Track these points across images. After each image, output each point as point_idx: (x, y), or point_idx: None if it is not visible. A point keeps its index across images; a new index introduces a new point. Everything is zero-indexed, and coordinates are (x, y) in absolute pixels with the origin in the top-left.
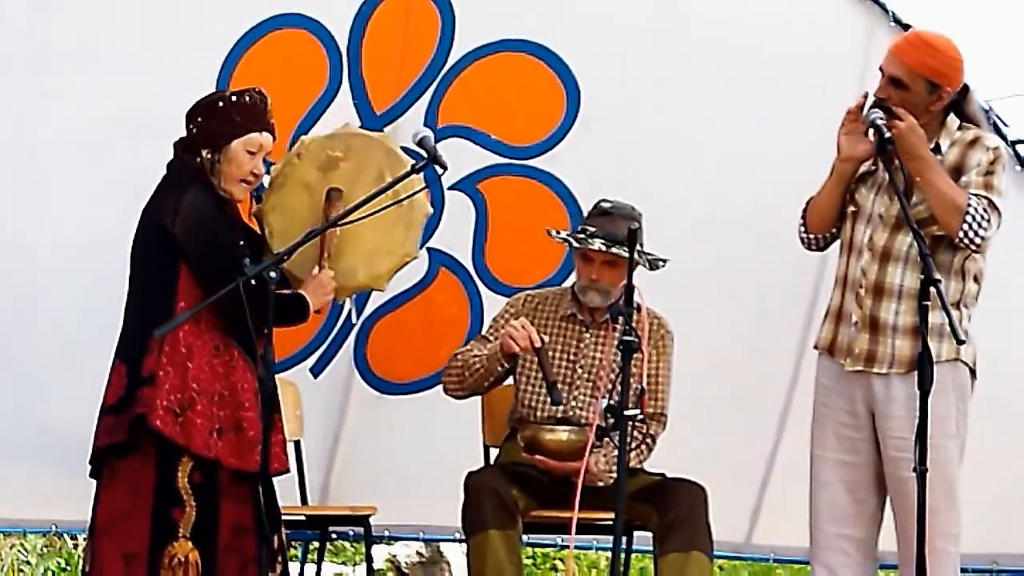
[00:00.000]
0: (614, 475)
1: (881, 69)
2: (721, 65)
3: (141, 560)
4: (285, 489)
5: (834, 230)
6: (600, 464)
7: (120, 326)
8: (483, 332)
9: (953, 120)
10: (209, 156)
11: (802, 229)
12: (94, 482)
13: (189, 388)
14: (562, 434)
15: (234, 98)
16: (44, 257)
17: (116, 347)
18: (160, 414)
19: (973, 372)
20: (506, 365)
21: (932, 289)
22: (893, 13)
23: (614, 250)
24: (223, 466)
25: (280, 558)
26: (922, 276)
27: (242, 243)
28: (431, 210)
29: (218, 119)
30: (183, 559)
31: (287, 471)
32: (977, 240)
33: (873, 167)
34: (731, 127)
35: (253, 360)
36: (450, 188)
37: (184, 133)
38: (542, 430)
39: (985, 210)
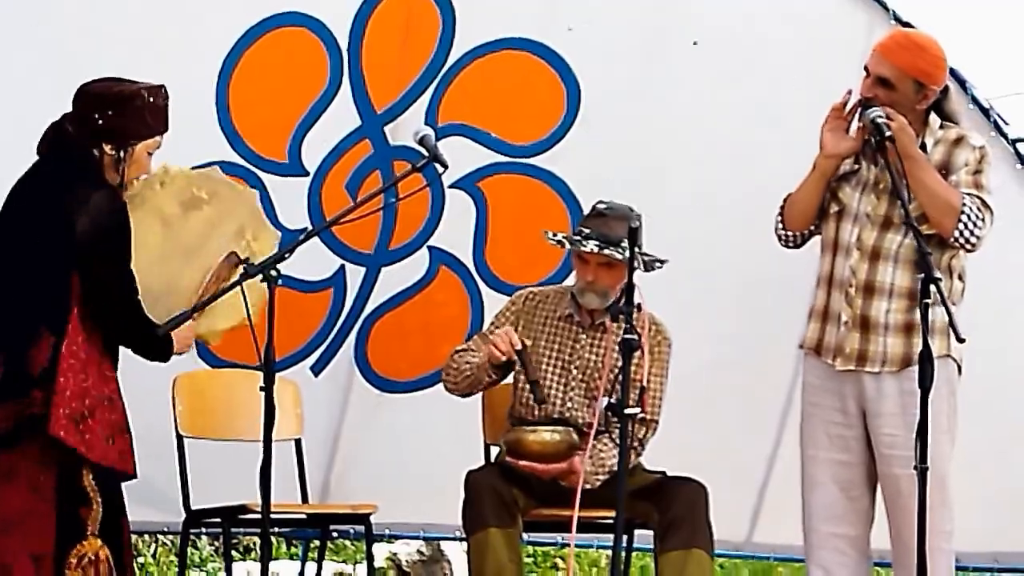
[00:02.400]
0: (599, 477)
1: (867, 68)
2: (722, 63)
3: (48, 560)
4: (286, 487)
5: (812, 227)
6: (586, 466)
7: None
8: (484, 330)
9: (935, 119)
10: (113, 153)
11: (780, 226)
12: None
13: (90, 395)
14: (544, 435)
15: (151, 98)
16: None
17: None
18: (63, 423)
19: (960, 368)
20: (494, 375)
21: (933, 287)
22: (893, 11)
23: (607, 252)
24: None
25: None
26: (921, 275)
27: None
28: (267, 288)
29: (130, 117)
30: (93, 557)
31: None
32: (972, 240)
33: (855, 166)
34: (733, 125)
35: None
36: (450, 186)
37: (73, 109)
38: (523, 432)
39: (979, 209)
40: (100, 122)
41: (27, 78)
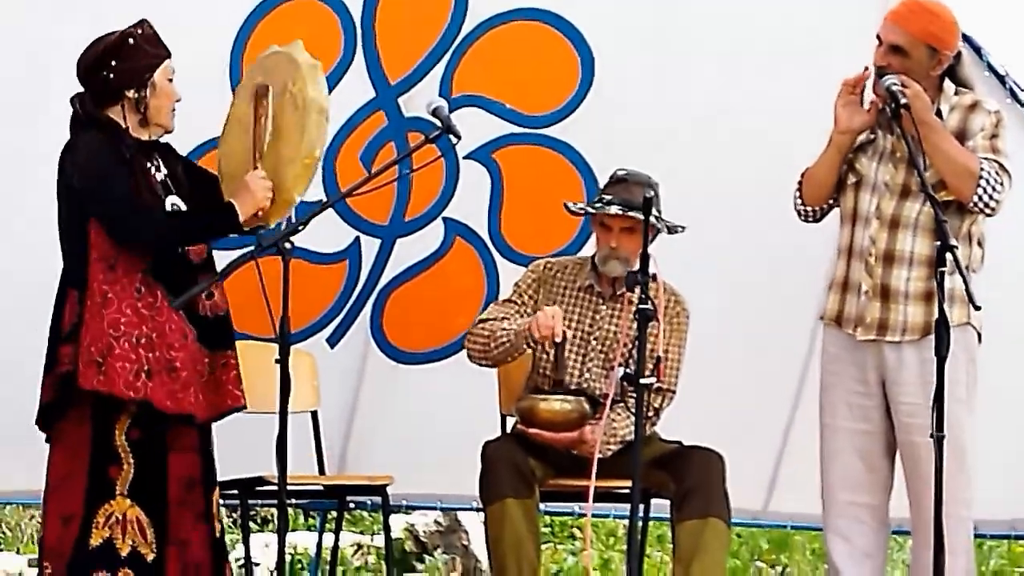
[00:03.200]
0: (611, 447)
1: (879, 37)
2: (738, 32)
3: (76, 521)
4: (303, 459)
5: (831, 201)
6: (598, 435)
7: None
8: (504, 297)
9: (949, 85)
10: (135, 95)
11: (798, 201)
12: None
13: (106, 334)
14: (555, 403)
15: (139, 31)
16: None
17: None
18: (82, 370)
19: (979, 335)
20: (532, 345)
21: (949, 255)
22: None
23: (631, 214)
24: (157, 410)
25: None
26: (937, 243)
27: (153, 188)
28: (324, 106)
29: (135, 56)
30: (120, 517)
31: (243, 407)
32: (992, 204)
33: (872, 136)
34: (748, 94)
35: (178, 296)
36: (465, 157)
37: (85, 90)
38: (535, 400)
39: (997, 173)
40: (112, 76)
41: (38, 51)
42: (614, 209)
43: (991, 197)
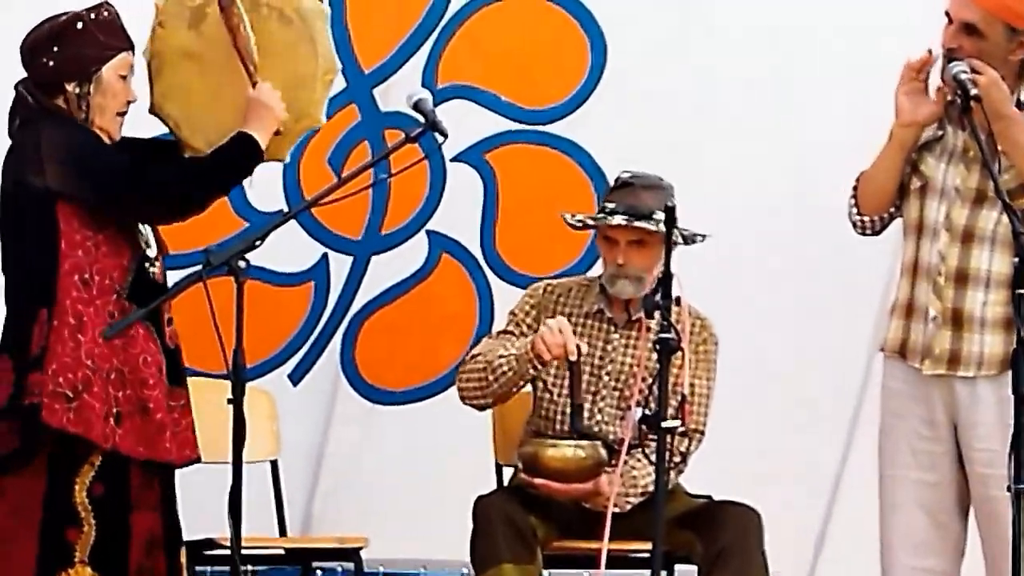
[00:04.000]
0: (631, 500)
1: (948, 14)
2: (766, 16)
3: None
4: (261, 518)
5: (892, 210)
6: (615, 487)
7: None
8: (498, 329)
9: None
10: (77, 90)
11: (854, 211)
12: None
13: (82, 365)
14: (567, 450)
15: (94, 16)
16: None
17: None
18: (47, 403)
19: None
20: (539, 368)
21: None
22: None
23: (638, 224)
24: (129, 460)
25: None
26: (1016, 259)
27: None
28: (327, 8)
29: (81, 43)
30: None
31: (198, 460)
32: None
33: (939, 132)
34: (778, 87)
35: (155, 326)
36: (452, 160)
37: (26, 72)
38: (542, 445)
39: None
40: (51, 63)
41: None
42: (618, 219)
43: None
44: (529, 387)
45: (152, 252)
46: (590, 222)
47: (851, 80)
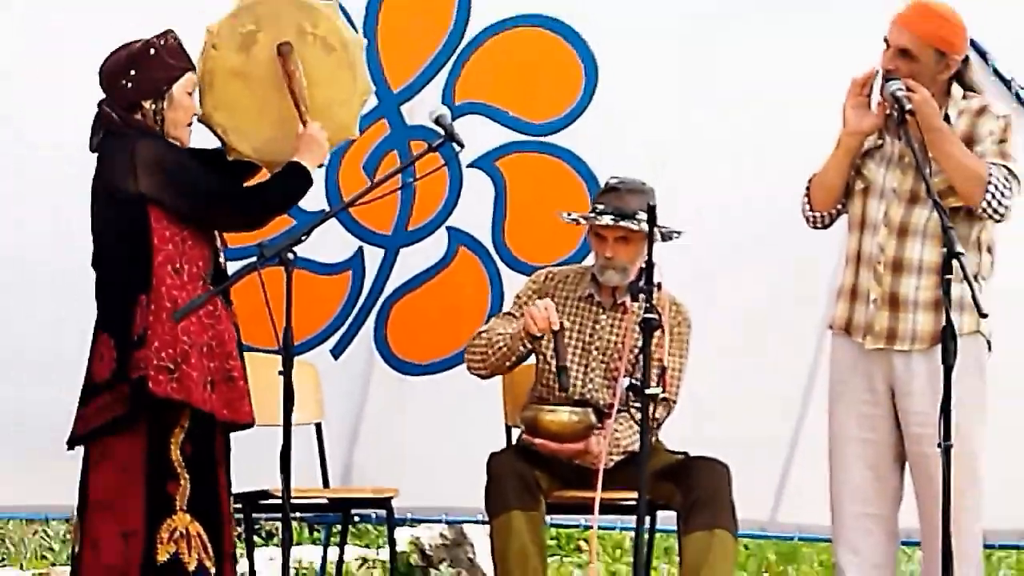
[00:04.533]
0: (614, 457)
1: (886, 40)
2: (743, 37)
3: (139, 537)
4: (307, 472)
5: (839, 207)
6: (602, 445)
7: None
8: (505, 310)
9: (957, 89)
10: (153, 106)
11: (807, 207)
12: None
13: (180, 342)
14: (562, 415)
15: (162, 43)
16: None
17: (96, 321)
18: (153, 375)
19: (990, 344)
20: (528, 345)
21: (956, 263)
22: None
23: (623, 223)
24: (217, 423)
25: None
26: (944, 249)
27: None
28: (364, 40)
29: (154, 67)
30: (184, 531)
31: (252, 424)
32: (1001, 209)
33: (879, 141)
34: (754, 100)
35: (229, 305)
36: (468, 166)
37: (105, 94)
38: (541, 411)
39: (1006, 179)
40: (129, 85)
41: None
42: (606, 219)
43: (999, 203)
44: (533, 360)
45: (219, 244)
46: (583, 220)
47: (809, 104)
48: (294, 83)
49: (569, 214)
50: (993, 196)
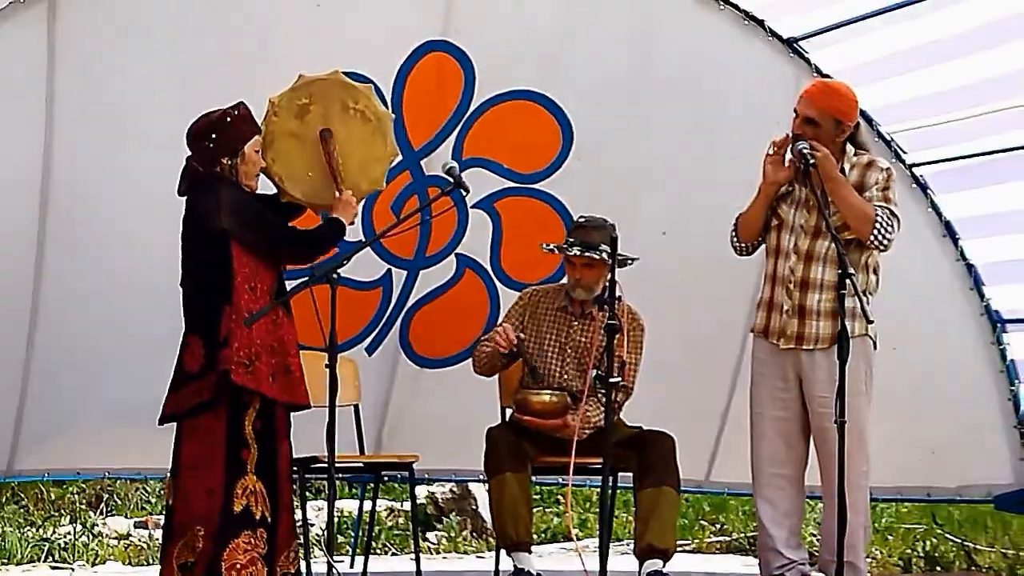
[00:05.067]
0: (586, 431)
1: (796, 111)
2: (684, 108)
3: (219, 492)
4: (347, 442)
5: (759, 239)
6: (575, 421)
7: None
8: (500, 320)
9: (850, 148)
10: (229, 162)
11: (734, 238)
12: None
13: (255, 344)
14: (545, 396)
15: (236, 112)
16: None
17: (185, 327)
18: (234, 369)
19: (875, 344)
20: (504, 361)
21: (848, 281)
22: (815, 65)
23: (588, 254)
24: (279, 406)
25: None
26: (839, 271)
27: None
28: (392, 114)
29: (231, 132)
30: (252, 489)
31: (309, 407)
32: (885, 242)
33: (790, 188)
34: (693, 156)
35: (290, 314)
36: (472, 207)
37: (191, 151)
38: (528, 394)
39: (889, 218)
40: (211, 146)
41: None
42: (575, 250)
43: (885, 237)
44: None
45: (281, 268)
46: (557, 250)
47: (746, 150)
48: (332, 160)
49: (548, 245)
50: (879, 232)
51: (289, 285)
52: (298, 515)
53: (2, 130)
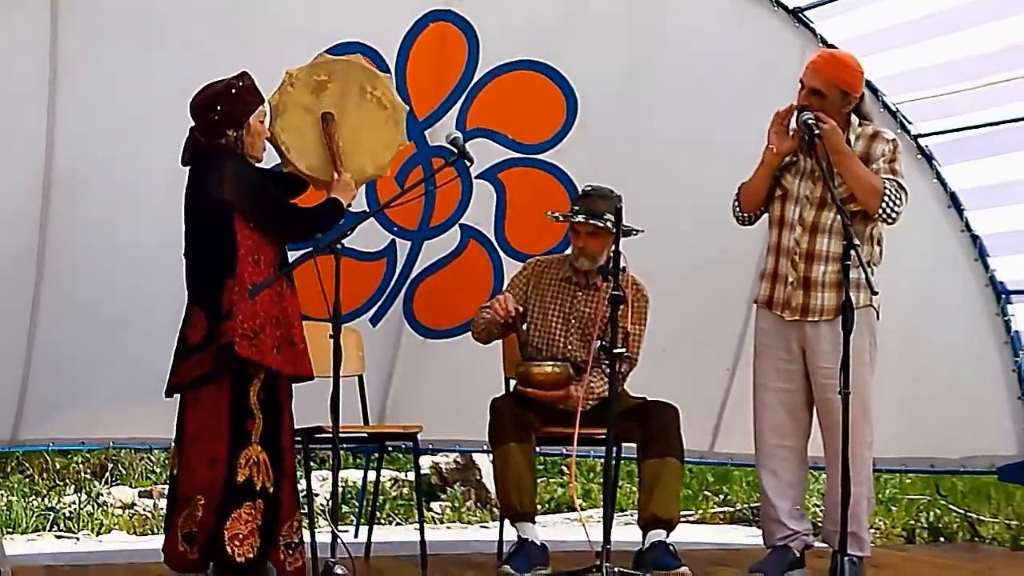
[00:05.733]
0: (590, 402)
1: (802, 82)
2: (688, 79)
3: (222, 463)
4: (351, 413)
5: (761, 209)
6: (579, 392)
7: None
8: (505, 288)
9: (854, 118)
10: (234, 133)
11: (737, 208)
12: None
13: (258, 316)
14: (547, 367)
15: (239, 83)
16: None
17: (187, 299)
18: (238, 341)
19: (878, 314)
20: (501, 330)
21: (853, 252)
22: (821, 35)
23: (592, 221)
24: (283, 378)
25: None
26: (844, 243)
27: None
28: (407, 106)
29: (235, 103)
30: (256, 459)
31: (312, 378)
32: (894, 215)
33: (795, 158)
34: (697, 128)
35: (293, 286)
36: (476, 177)
37: (195, 123)
38: (531, 365)
39: (897, 191)
40: (216, 117)
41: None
42: (580, 218)
43: (893, 210)
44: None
45: None
46: (562, 218)
47: (750, 127)
48: (332, 143)
49: (553, 213)
50: (888, 205)
51: (292, 256)
52: (302, 485)
53: (7, 111)
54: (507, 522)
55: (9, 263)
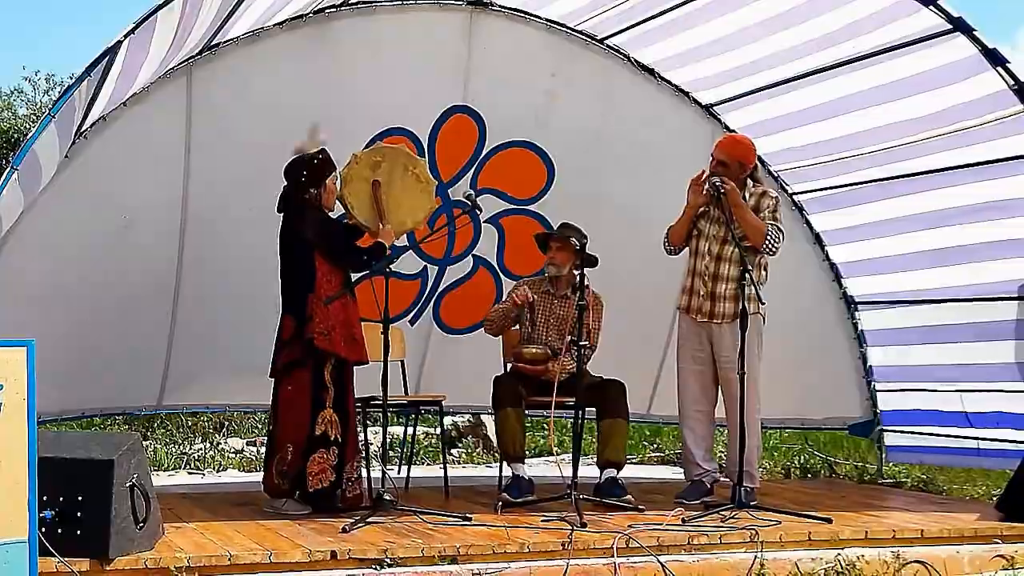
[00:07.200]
0: (563, 377)
1: (712, 156)
2: (630, 155)
3: (305, 422)
4: (396, 386)
5: (683, 244)
6: (556, 369)
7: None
8: (504, 299)
9: (749, 181)
10: (315, 191)
11: (666, 243)
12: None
13: (331, 319)
14: (534, 349)
15: (320, 156)
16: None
17: (282, 308)
18: (317, 337)
19: (764, 319)
20: (513, 315)
21: (746, 275)
22: (725, 124)
23: (559, 235)
24: (348, 363)
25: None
26: (741, 268)
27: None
28: (435, 181)
29: (317, 170)
30: (330, 418)
31: (367, 362)
32: (773, 249)
33: (706, 209)
34: (639, 191)
35: (355, 298)
36: (485, 222)
37: (287, 181)
38: (522, 347)
39: (777, 232)
40: (303, 180)
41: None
42: (555, 233)
43: (773, 245)
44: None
45: None
46: (544, 233)
47: (676, 184)
48: (379, 204)
49: (538, 233)
50: (771, 242)
51: (354, 277)
52: (361, 437)
53: (155, 168)
54: (505, 463)
55: (154, 282)
